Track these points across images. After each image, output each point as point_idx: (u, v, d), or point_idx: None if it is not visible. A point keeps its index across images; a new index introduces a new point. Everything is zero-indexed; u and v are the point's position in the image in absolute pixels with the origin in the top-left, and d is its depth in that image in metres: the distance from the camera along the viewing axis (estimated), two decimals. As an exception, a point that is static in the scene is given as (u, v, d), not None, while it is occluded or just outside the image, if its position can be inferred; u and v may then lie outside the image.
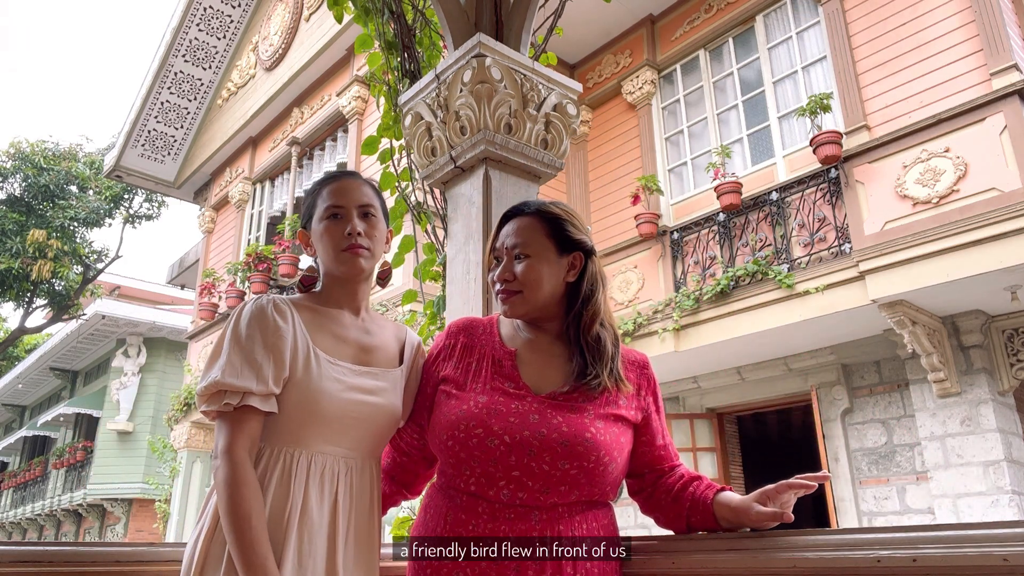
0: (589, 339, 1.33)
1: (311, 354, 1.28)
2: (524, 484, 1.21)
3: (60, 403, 17.67)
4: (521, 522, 1.20)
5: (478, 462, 1.23)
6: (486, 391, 1.30)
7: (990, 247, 4.92)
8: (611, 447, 1.25)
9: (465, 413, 1.26)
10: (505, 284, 1.35)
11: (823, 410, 6.47)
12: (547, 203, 1.41)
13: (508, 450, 1.21)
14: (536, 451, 1.21)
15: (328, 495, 1.24)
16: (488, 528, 1.20)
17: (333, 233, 1.36)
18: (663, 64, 7.78)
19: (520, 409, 1.26)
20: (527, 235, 1.37)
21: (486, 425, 1.24)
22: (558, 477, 1.21)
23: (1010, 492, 5.24)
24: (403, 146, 2.54)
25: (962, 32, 5.48)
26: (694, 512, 1.30)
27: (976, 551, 1.01)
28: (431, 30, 2.50)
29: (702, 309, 6.38)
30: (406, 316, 2.73)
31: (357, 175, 1.47)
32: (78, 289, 15.95)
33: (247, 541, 1.12)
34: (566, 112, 2.06)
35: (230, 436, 1.18)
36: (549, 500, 1.22)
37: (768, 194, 6.30)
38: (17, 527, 19.66)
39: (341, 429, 1.28)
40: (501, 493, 1.22)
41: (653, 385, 1.41)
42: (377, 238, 1.41)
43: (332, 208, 1.38)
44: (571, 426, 1.24)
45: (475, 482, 1.24)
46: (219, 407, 1.20)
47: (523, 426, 1.23)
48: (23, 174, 15.26)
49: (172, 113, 10.78)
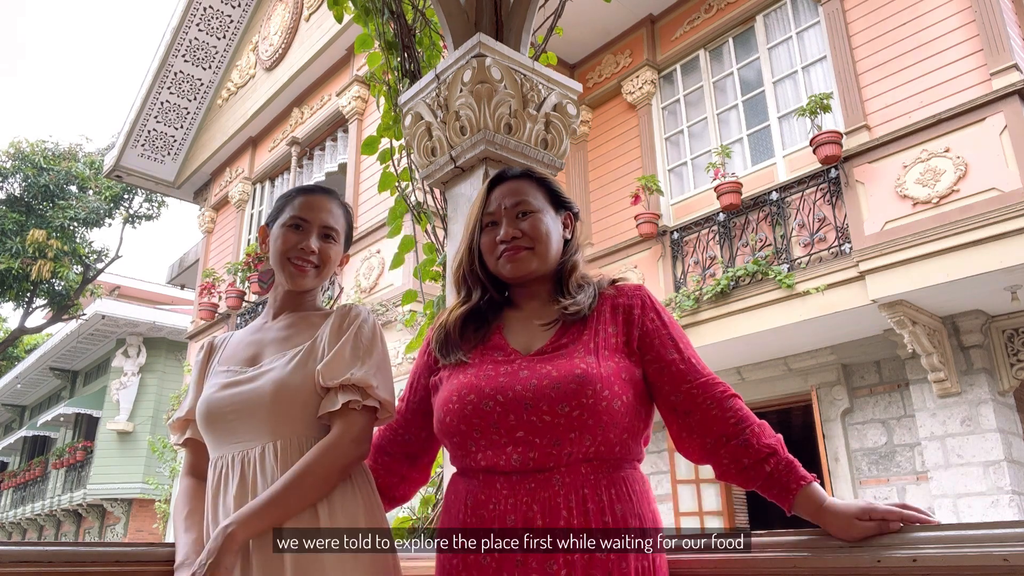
0: (571, 284, 1.33)
1: (209, 372, 1.41)
2: (531, 442, 1.16)
3: (60, 403, 17.67)
4: (543, 490, 1.14)
5: (480, 431, 1.19)
6: (475, 364, 1.27)
7: (990, 247, 4.92)
8: (607, 378, 1.18)
9: (456, 386, 1.24)
10: (515, 241, 1.31)
11: (823, 410, 6.47)
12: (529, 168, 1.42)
13: (505, 410, 1.18)
14: (532, 403, 1.17)
15: (231, 492, 1.25)
16: (510, 505, 1.15)
17: (287, 241, 1.40)
18: (663, 64, 7.77)
19: (510, 370, 1.22)
20: (526, 193, 1.35)
21: (478, 390, 1.21)
22: (563, 424, 1.15)
23: (1010, 492, 5.24)
24: (403, 146, 2.53)
25: (962, 32, 5.48)
26: (768, 490, 1.18)
27: (976, 551, 1.01)
28: (431, 30, 2.50)
29: (702, 309, 6.38)
30: (406, 316, 2.73)
31: (333, 195, 1.49)
32: (78, 289, 15.95)
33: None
34: (566, 112, 2.06)
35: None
36: (564, 453, 1.15)
37: (768, 194, 6.30)
38: (17, 527, 19.66)
39: (226, 427, 1.30)
40: (512, 459, 1.16)
41: (650, 303, 1.30)
42: (330, 260, 1.43)
43: (295, 219, 1.41)
44: (560, 369, 1.19)
45: (483, 456, 1.19)
46: None
47: (514, 382, 1.19)
48: (23, 174, 15.26)
49: (172, 113, 10.78)
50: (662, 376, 1.24)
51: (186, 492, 1.36)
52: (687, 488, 7.17)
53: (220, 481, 1.28)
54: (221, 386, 1.33)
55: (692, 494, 7.16)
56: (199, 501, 1.33)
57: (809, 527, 1.17)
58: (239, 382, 1.32)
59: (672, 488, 7.17)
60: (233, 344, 1.44)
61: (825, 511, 1.14)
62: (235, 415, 1.30)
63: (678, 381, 1.23)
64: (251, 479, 1.25)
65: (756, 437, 1.18)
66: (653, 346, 1.25)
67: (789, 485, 1.15)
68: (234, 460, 1.27)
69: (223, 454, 1.30)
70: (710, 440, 1.20)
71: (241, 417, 1.29)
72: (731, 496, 7.12)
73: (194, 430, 1.39)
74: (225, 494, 1.26)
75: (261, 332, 1.43)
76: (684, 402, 1.22)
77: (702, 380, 1.23)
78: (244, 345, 1.42)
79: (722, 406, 1.20)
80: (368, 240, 7.48)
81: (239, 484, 1.24)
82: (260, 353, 1.38)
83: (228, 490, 1.25)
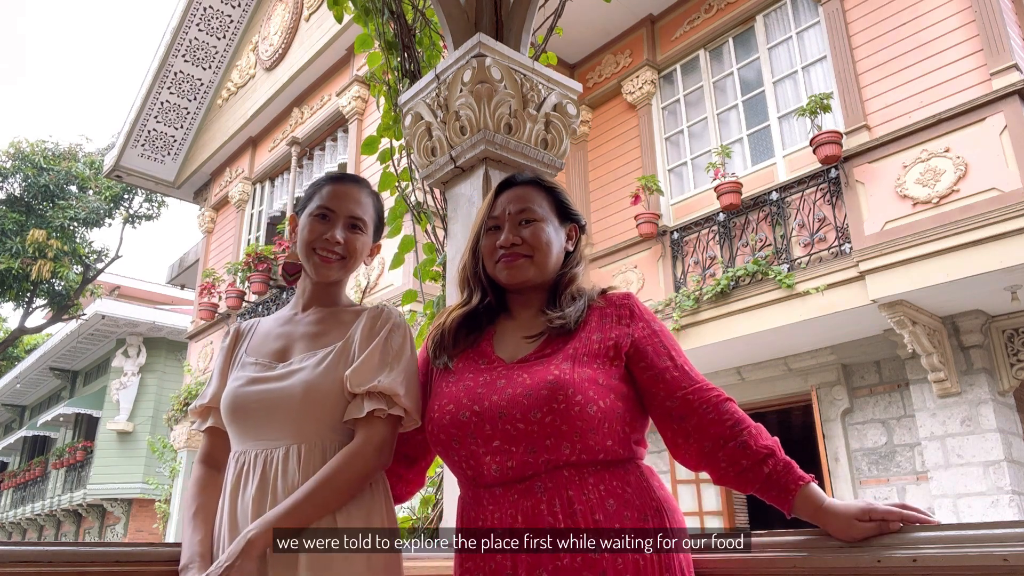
0: (564, 297, 1.31)
1: (236, 361, 1.39)
2: (508, 451, 1.15)
3: (60, 403, 17.67)
4: (525, 499, 1.14)
5: (459, 442, 1.19)
6: (457, 371, 1.27)
7: (990, 247, 4.92)
8: (580, 383, 1.16)
9: (438, 395, 1.25)
10: (514, 248, 1.30)
11: (823, 410, 6.47)
12: (540, 175, 1.42)
13: (480, 419, 1.17)
14: (506, 411, 1.16)
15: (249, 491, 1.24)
16: (495, 519, 1.16)
17: (313, 231, 1.38)
18: (663, 64, 7.77)
19: (488, 379, 1.22)
20: (532, 200, 1.34)
21: (456, 400, 1.21)
22: (537, 431, 1.14)
23: (1010, 492, 5.24)
24: (403, 146, 2.54)
25: (962, 32, 5.48)
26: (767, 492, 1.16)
27: (976, 551, 1.01)
28: (431, 30, 2.50)
29: (702, 309, 6.38)
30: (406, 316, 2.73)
31: (363, 184, 1.46)
32: (78, 289, 15.95)
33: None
34: (566, 112, 2.06)
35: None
36: (541, 460, 1.14)
37: (768, 194, 6.30)
38: (17, 527, 19.66)
39: (251, 422, 1.29)
40: (492, 469, 1.17)
41: (639, 312, 1.29)
42: (357, 251, 1.40)
43: (322, 208, 1.39)
44: (534, 376, 1.18)
45: (467, 466, 1.20)
46: None
47: (491, 391, 1.19)
48: (23, 174, 15.26)
49: (172, 113, 10.78)
50: (656, 384, 1.23)
51: (199, 483, 1.34)
52: (687, 488, 7.17)
53: (241, 477, 1.27)
54: (249, 380, 1.31)
55: (692, 494, 7.16)
56: (210, 496, 1.31)
57: (809, 527, 1.16)
58: (268, 379, 1.31)
59: (672, 488, 7.17)
60: (261, 334, 1.42)
61: (825, 512, 1.13)
62: (263, 412, 1.28)
63: (672, 388, 1.22)
64: (272, 481, 1.24)
65: (753, 439, 1.17)
66: (646, 354, 1.24)
67: (788, 486, 1.14)
68: (256, 458, 1.26)
69: (246, 449, 1.29)
70: (707, 444, 1.19)
71: (268, 415, 1.28)
72: (731, 496, 7.12)
73: (216, 418, 1.36)
74: (244, 492, 1.25)
75: (291, 324, 1.41)
76: (679, 408, 1.21)
77: (696, 386, 1.22)
78: (273, 337, 1.39)
79: (718, 410, 1.20)
80: (368, 240, 7.46)
81: (259, 484, 1.24)
82: (289, 347, 1.36)
83: (248, 489, 1.25)
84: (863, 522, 1.10)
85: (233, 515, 1.25)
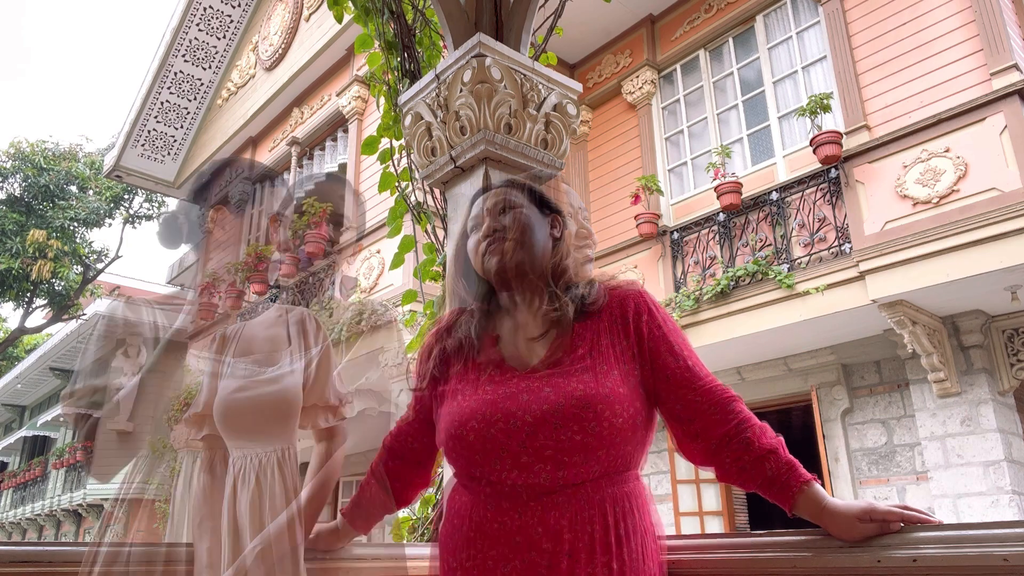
0: (559, 289, 1.30)
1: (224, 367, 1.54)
2: (533, 468, 1.14)
3: (60, 403, 17.65)
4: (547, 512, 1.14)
5: (483, 455, 1.18)
6: (473, 382, 1.25)
7: (990, 247, 4.92)
8: (607, 396, 1.16)
9: (457, 410, 1.23)
10: (495, 233, 1.30)
11: (823, 410, 6.47)
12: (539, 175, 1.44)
13: (508, 437, 1.16)
14: (533, 429, 1.15)
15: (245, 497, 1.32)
16: (516, 527, 1.14)
17: None
18: (663, 64, 7.77)
19: (509, 391, 1.20)
20: (509, 194, 1.35)
21: (479, 416, 1.19)
22: (566, 449, 1.14)
23: (1010, 492, 5.23)
24: (403, 146, 2.53)
25: (962, 32, 5.48)
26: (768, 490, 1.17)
27: (976, 551, 1.01)
28: (431, 30, 2.49)
29: (702, 309, 6.38)
30: (406, 316, 2.73)
31: None
32: (78, 289, 15.96)
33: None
34: (566, 112, 2.06)
35: None
36: (563, 476, 1.14)
37: (768, 194, 6.30)
38: (17, 527, 19.64)
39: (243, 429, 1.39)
40: (516, 484, 1.15)
41: (646, 308, 1.27)
42: None
43: None
44: (558, 390, 1.17)
45: (487, 482, 1.19)
46: None
47: (515, 406, 1.18)
48: (23, 174, 15.26)
49: (172, 113, 10.78)
50: (664, 384, 1.23)
51: (203, 492, 1.43)
52: (687, 488, 7.17)
53: (236, 481, 1.34)
54: (238, 388, 1.37)
55: (692, 494, 7.15)
56: (214, 504, 1.37)
57: (809, 527, 1.17)
58: (257, 384, 1.36)
59: (672, 488, 7.16)
60: (246, 338, 1.48)
61: (826, 511, 1.14)
62: (253, 419, 1.35)
63: (680, 389, 1.22)
64: (267, 486, 1.32)
65: (757, 437, 1.18)
66: (657, 353, 1.24)
67: (790, 485, 1.15)
68: (250, 462, 1.33)
69: (242, 454, 1.36)
70: (713, 443, 1.20)
71: (258, 421, 1.34)
72: (731, 496, 7.12)
73: (211, 425, 1.43)
74: (240, 497, 1.32)
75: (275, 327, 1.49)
76: (686, 410, 1.22)
77: (704, 387, 1.22)
78: (259, 341, 1.46)
79: (724, 410, 1.20)
80: (368, 240, 7.47)
81: (255, 489, 1.31)
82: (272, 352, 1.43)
83: (244, 494, 1.32)
84: (864, 522, 1.11)
85: (233, 517, 1.29)
